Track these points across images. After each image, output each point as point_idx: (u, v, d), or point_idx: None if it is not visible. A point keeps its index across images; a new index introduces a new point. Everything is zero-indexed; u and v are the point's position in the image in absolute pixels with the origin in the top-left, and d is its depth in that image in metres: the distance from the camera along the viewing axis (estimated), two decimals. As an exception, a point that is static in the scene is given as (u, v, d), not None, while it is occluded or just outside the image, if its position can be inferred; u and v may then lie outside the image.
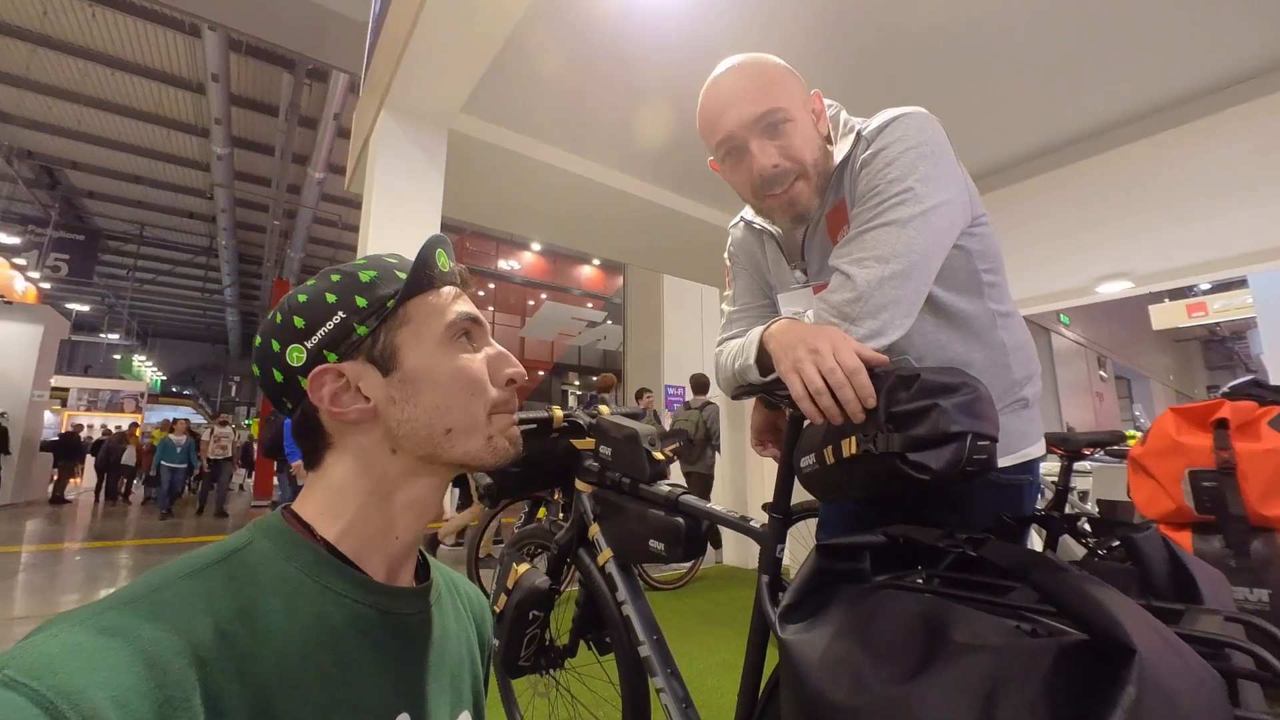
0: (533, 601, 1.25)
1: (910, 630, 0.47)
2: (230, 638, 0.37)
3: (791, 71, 0.86)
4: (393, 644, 0.47)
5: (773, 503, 0.87)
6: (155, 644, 0.33)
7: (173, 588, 0.38)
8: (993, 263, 0.85)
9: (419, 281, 0.50)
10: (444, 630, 0.54)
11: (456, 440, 0.50)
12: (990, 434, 0.60)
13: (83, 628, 0.33)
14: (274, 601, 0.41)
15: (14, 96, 8.32)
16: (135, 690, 0.31)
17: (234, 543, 0.44)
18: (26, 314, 9.20)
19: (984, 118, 2.96)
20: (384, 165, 2.54)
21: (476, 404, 0.51)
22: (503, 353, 0.54)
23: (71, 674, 0.30)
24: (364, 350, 0.49)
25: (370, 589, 0.47)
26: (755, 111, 0.81)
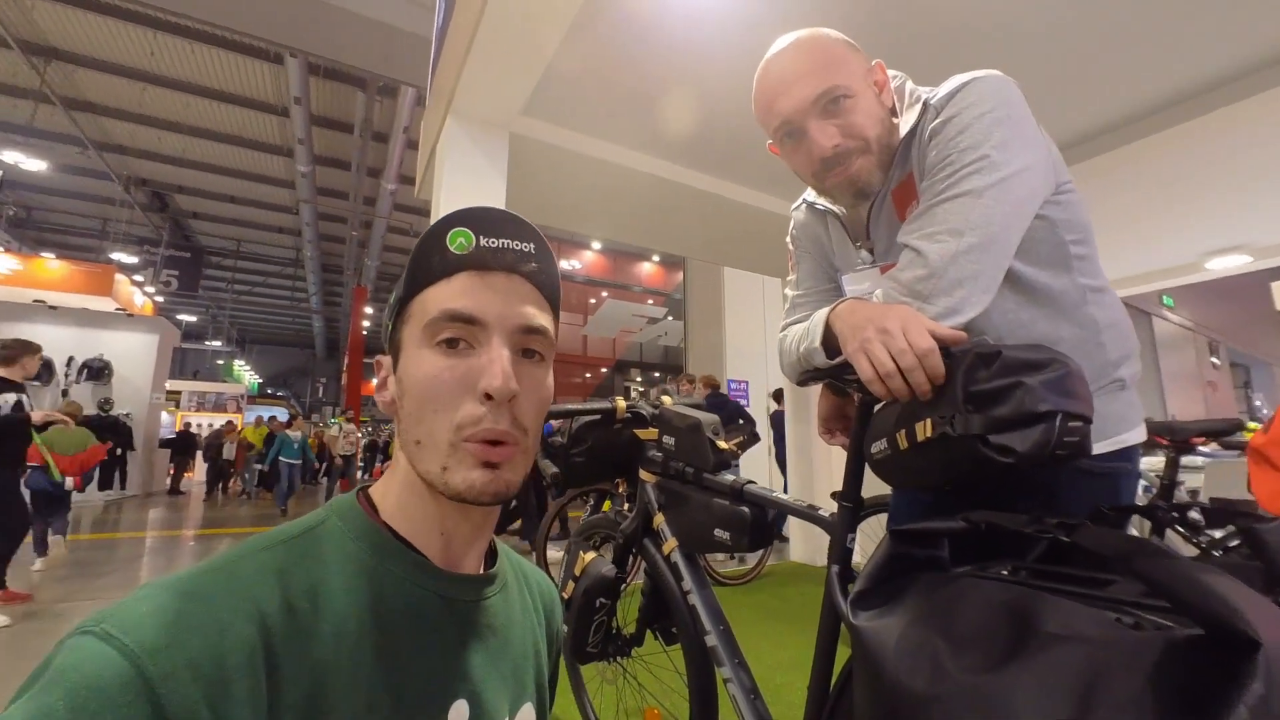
0: (599, 589, 1.27)
1: (995, 619, 0.44)
2: (295, 611, 0.39)
3: (850, 44, 0.82)
4: (451, 630, 0.46)
5: (842, 491, 0.84)
6: (229, 611, 0.36)
7: (251, 559, 0.40)
8: (1081, 233, 0.79)
9: (418, 276, 0.47)
10: (508, 620, 0.53)
11: (422, 456, 0.45)
12: (1083, 413, 0.55)
13: (170, 592, 0.36)
14: (337, 579, 0.42)
15: (129, 130, 9.26)
16: (206, 652, 0.33)
17: (311, 520, 0.45)
18: (145, 325, 10.21)
19: (1070, 80, 2.73)
20: (450, 171, 2.64)
21: (439, 422, 0.44)
22: (490, 361, 0.45)
23: (155, 632, 0.32)
24: (392, 343, 0.49)
25: (428, 572, 0.46)
26: (812, 92, 0.78)
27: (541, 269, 0.50)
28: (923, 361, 0.62)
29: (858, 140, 0.79)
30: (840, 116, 0.78)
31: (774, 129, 0.83)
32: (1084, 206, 0.80)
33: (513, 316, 0.47)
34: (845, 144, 0.78)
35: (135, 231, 12.34)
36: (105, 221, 12.44)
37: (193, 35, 7.18)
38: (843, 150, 0.79)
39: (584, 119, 3.02)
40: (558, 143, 3.05)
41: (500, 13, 2.01)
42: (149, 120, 8.98)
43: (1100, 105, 2.93)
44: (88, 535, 6.23)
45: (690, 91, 2.79)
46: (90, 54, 7.60)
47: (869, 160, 0.80)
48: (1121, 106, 2.94)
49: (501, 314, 0.46)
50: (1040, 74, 2.62)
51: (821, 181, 0.84)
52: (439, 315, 0.45)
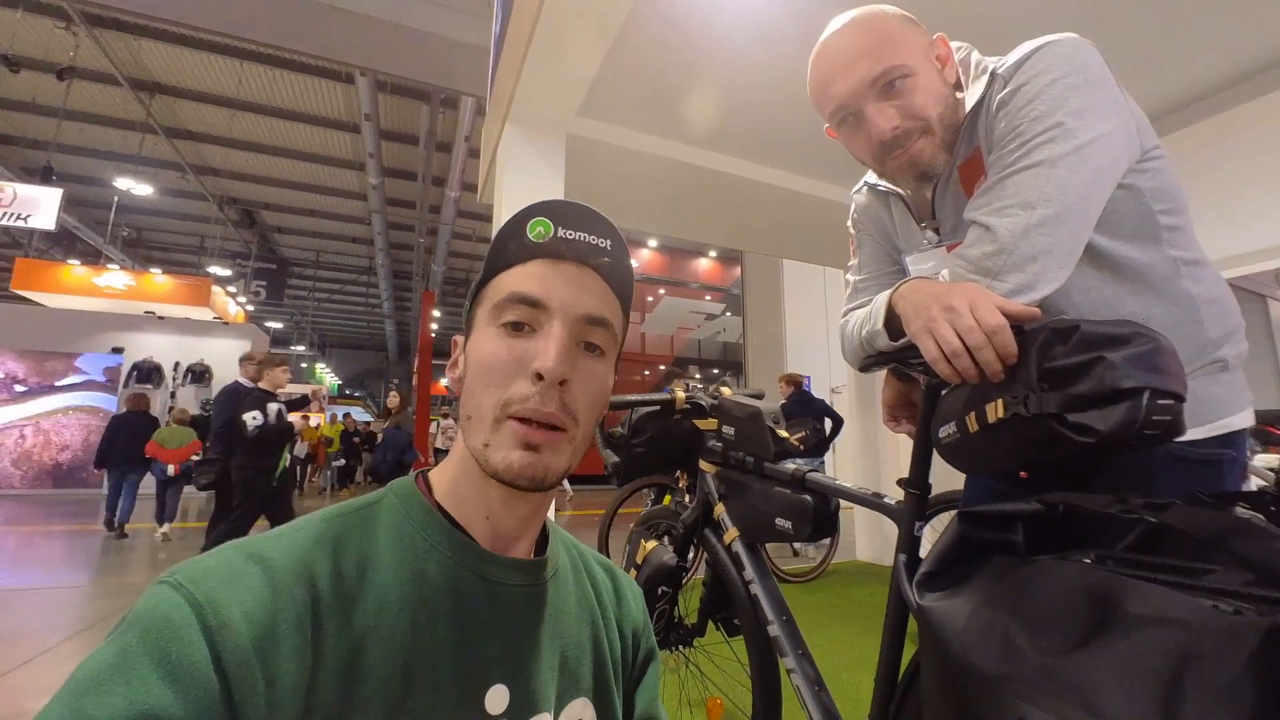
0: (661, 577, 1.28)
1: (1074, 601, 0.42)
2: (343, 578, 0.41)
3: (909, 19, 0.79)
4: (494, 612, 0.46)
5: (909, 477, 0.82)
6: (284, 572, 0.39)
7: (313, 528, 0.43)
8: (1171, 202, 0.73)
9: (498, 259, 0.49)
10: (559, 609, 0.52)
11: (471, 431, 0.47)
12: (1174, 390, 0.51)
13: (239, 552, 0.39)
14: (385, 552, 0.44)
15: (222, 154, 10.06)
16: (261, 607, 0.37)
17: (373, 497, 0.48)
18: (238, 332, 11.13)
19: (1162, 41, 2.51)
20: (510, 174, 2.73)
21: (487, 396, 0.46)
22: (547, 344, 0.45)
23: (218, 585, 0.36)
24: (467, 323, 0.52)
25: (473, 553, 0.47)
26: (868, 74, 0.75)
27: (614, 264, 0.51)
28: (992, 339, 0.59)
29: (918, 121, 0.76)
30: (899, 97, 0.75)
31: (830, 113, 0.81)
32: (1174, 174, 0.74)
33: (577, 305, 0.47)
34: (905, 125, 0.76)
35: (228, 247, 13.42)
36: (202, 238, 13.58)
37: (274, 62, 7.73)
38: (902, 132, 0.76)
39: (638, 116, 3.05)
40: (613, 141, 3.09)
41: (553, 18, 2.06)
42: (238, 143, 9.73)
43: (1198, 67, 2.68)
44: (193, 524, 6.84)
45: (743, 81, 2.76)
46: (188, 86, 8.31)
47: (931, 141, 0.77)
48: (1223, 68, 2.68)
49: (566, 301, 0.47)
50: (1128, 36, 2.42)
51: (882, 164, 0.81)
52: (506, 297, 0.47)
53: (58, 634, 2.81)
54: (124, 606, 3.12)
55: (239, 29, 5.59)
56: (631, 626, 0.61)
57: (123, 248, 12.73)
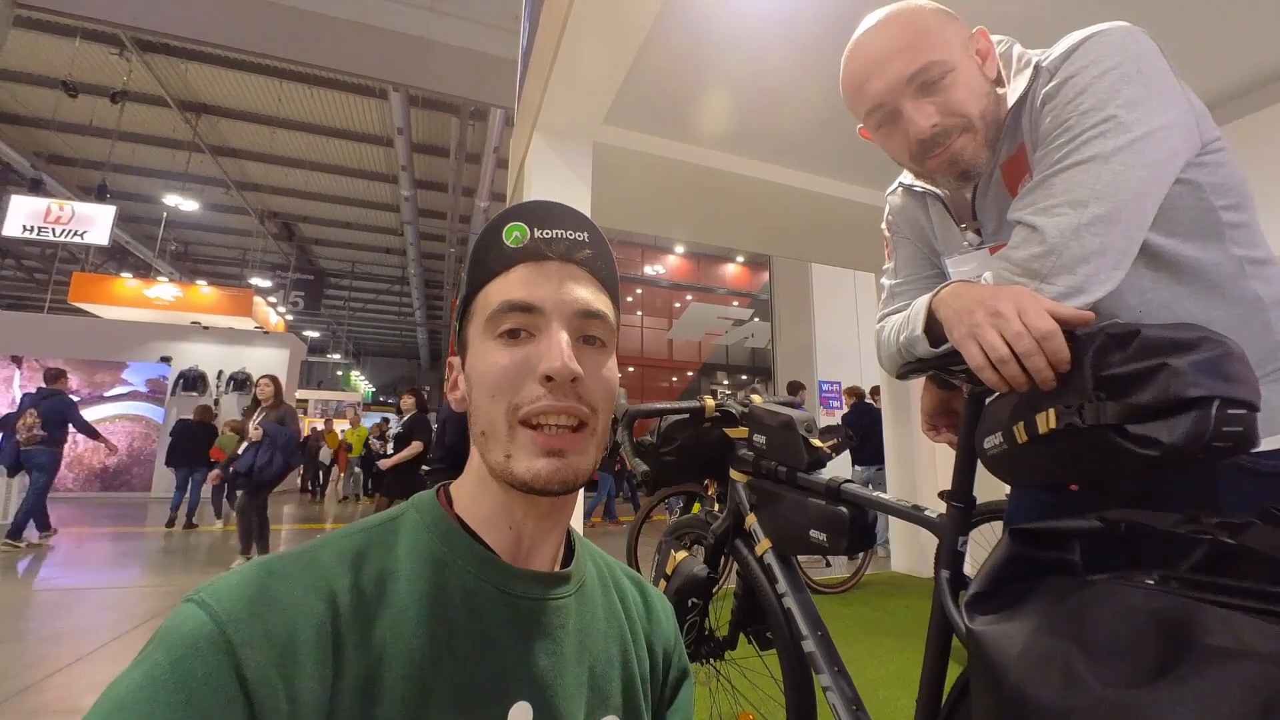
0: (691, 588, 1.26)
1: (1143, 628, 0.39)
2: (363, 596, 0.41)
3: (946, 12, 0.76)
4: (513, 627, 0.45)
5: (951, 490, 0.78)
6: (305, 590, 0.39)
7: (334, 544, 0.43)
8: (1235, 197, 0.68)
9: (480, 274, 0.49)
10: (586, 624, 0.51)
11: (488, 446, 0.46)
12: (1246, 399, 0.48)
13: (261, 569, 0.39)
14: (405, 567, 0.43)
15: (262, 170, 10.45)
16: (282, 625, 0.36)
17: (395, 511, 0.47)
18: (277, 341, 11.51)
19: (1224, 26, 2.39)
20: (537, 183, 2.75)
21: (496, 407, 0.45)
22: (549, 345, 0.45)
23: (241, 603, 0.36)
24: (460, 343, 0.51)
25: (492, 566, 0.46)
26: (905, 70, 0.72)
27: (596, 256, 0.50)
28: (1042, 345, 0.56)
29: (959, 118, 0.72)
30: (938, 94, 0.72)
31: (866, 112, 0.78)
32: (1238, 167, 0.69)
33: (570, 302, 0.47)
34: (945, 122, 0.72)
35: (268, 259, 13.92)
36: (244, 251, 14.11)
37: (312, 81, 8.01)
38: (941, 129, 0.72)
39: (664, 122, 3.05)
40: (640, 148, 3.10)
41: (579, 29, 2.07)
42: (278, 159, 10.10)
43: (1263, 53, 2.54)
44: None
45: (769, 85, 2.73)
46: (232, 105, 8.67)
47: (973, 138, 0.73)
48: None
49: (559, 300, 0.47)
50: (1187, 21, 2.32)
51: (921, 164, 0.77)
52: (498, 307, 0.46)
53: (109, 632, 2.93)
54: (170, 607, 3.23)
55: (280, 50, 5.81)
56: (663, 644, 0.59)
57: (171, 261, 13.31)
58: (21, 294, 16.13)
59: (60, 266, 12.54)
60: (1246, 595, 0.43)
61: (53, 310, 11.59)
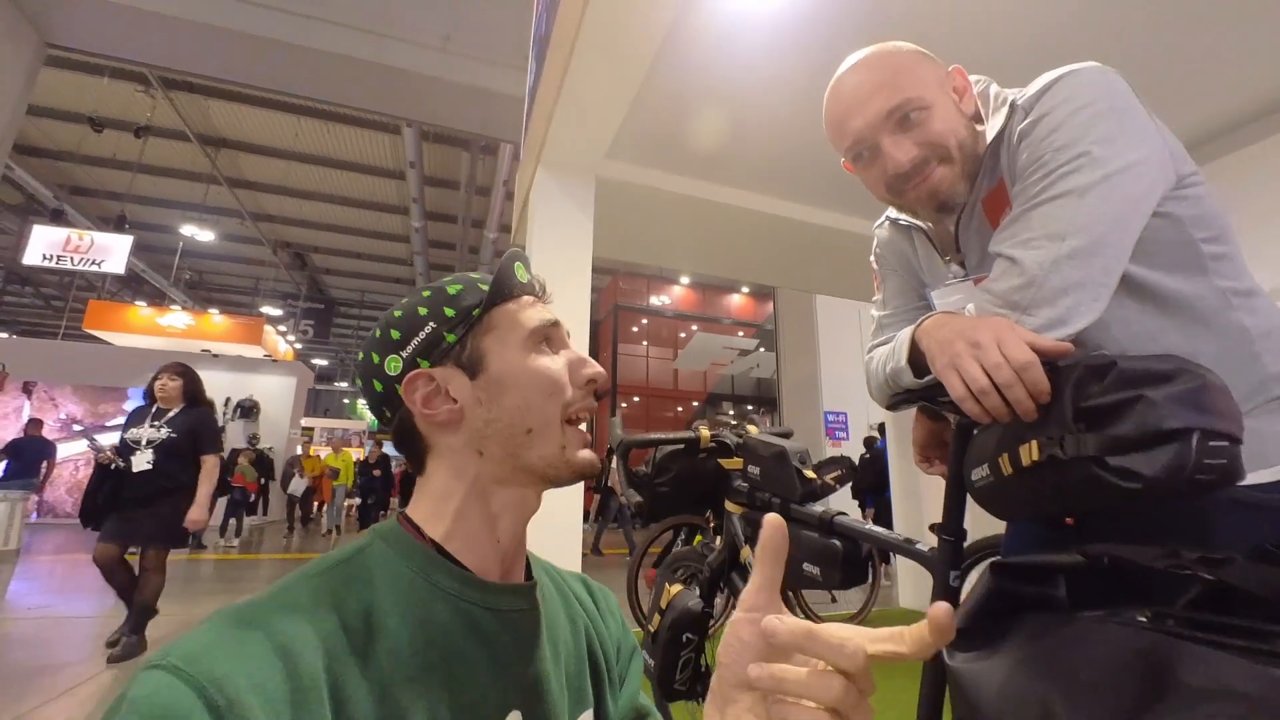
0: (686, 623, 1.23)
1: (1122, 667, 0.38)
2: (352, 633, 0.40)
3: (922, 53, 0.78)
4: (503, 641, 0.47)
5: (942, 523, 0.77)
6: (287, 636, 0.37)
7: (303, 585, 0.42)
8: (1215, 229, 0.69)
9: (500, 291, 0.53)
10: (555, 627, 0.54)
11: (535, 442, 0.50)
12: (1227, 431, 0.47)
13: (230, 622, 0.37)
14: (388, 599, 0.43)
15: (277, 202, 10.70)
16: (270, 677, 0.35)
17: (357, 545, 0.47)
18: (286, 369, 11.61)
19: (1205, 64, 2.44)
20: (539, 217, 2.80)
21: (553, 405, 0.51)
22: (582, 356, 0.55)
23: (219, 663, 0.34)
24: (453, 356, 0.51)
25: (477, 586, 0.48)
26: (883, 108, 0.74)
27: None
28: (1022, 376, 0.56)
29: (937, 150, 0.74)
30: (915, 129, 0.74)
31: (847, 148, 0.80)
32: (1216, 201, 0.70)
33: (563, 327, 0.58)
34: (922, 154, 0.74)
35: (280, 288, 14.13)
36: (257, 280, 14.34)
37: (328, 116, 8.25)
38: (920, 160, 0.74)
39: (666, 156, 3.11)
40: (642, 182, 3.16)
41: (583, 65, 2.14)
42: (292, 191, 10.35)
43: (1249, 88, 2.59)
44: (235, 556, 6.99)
45: (769, 119, 2.80)
46: (250, 140, 8.93)
47: (950, 170, 0.75)
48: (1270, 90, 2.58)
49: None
50: (1167, 61, 2.37)
51: (899, 197, 0.79)
52: (542, 325, 0.54)
53: (98, 663, 2.88)
54: (167, 635, 3.18)
55: (298, 88, 6.01)
56: (614, 632, 0.63)
57: (185, 289, 13.54)
58: (37, 321, 16.41)
59: (77, 294, 12.79)
60: (1238, 633, 0.42)
61: (66, 337, 11.77)
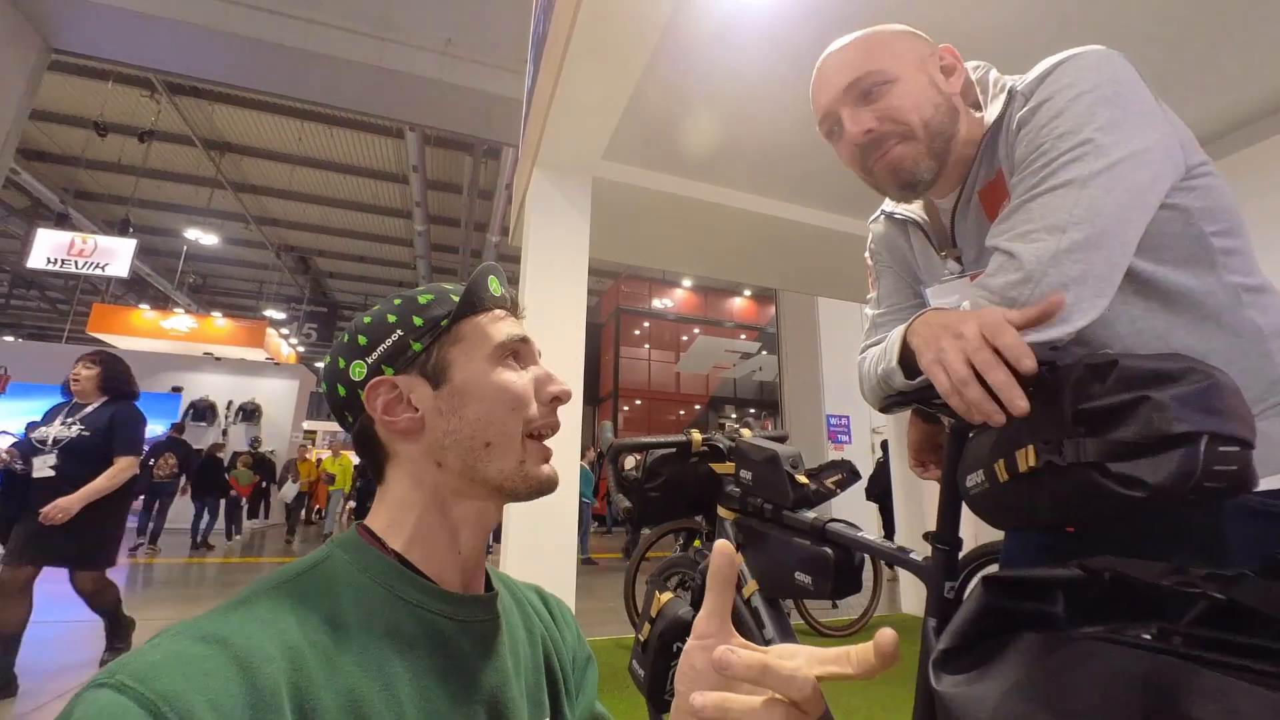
0: (676, 632, 1.19)
1: (1123, 694, 0.35)
2: (315, 644, 0.39)
3: (909, 32, 0.76)
4: (467, 651, 0.47)
5: (936, 531, 0.74)
6: (247, 651, 0.35)
7: (263, 598, 0.40)
8: (1225, 223, 0.65)
9: (471, 303, 0.52)
10: (514, 638, 0.54)
11: (493, 456, 0.50)
12: (1238, 434, 0.44)
13: (184, 636, 0.35)
14: (351, 611, 0.43)
15: (281, 205, 10.74)
16: (228, 694, 0.33)
17: (316, 557, 0.46)
18: (289, 372, 11.61)
19: (1221, 57, 2.40)
20: (536, 218, 2.78)
21: (514, 420, 0.51)
22: (549, 373, 0.55)
23: (172, 679, 0.32)
24: (418, 365, 0.50)
25: (440, 597, 0.47)
26: (844, 81, 0.74)
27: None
28: (1003, 353, 0.52)
29: (896, 124, 0.72)
30: (875, 101, 0.72)
31: (819, 124, 0.80)
32: (1227, 193, 0.66)
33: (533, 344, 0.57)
34: (880, 129, 0.72)
35: (283, 291, 14.17)
36: (260, 284, 14.39)
37: (331, 121, 8.28)
38: (877, 135, 0.73)
39: (663, 157, 3.09)
40: (640, 183, 3.13)
41: (577, 64, 2.12)
42: (296, 195, 10.38)
43: (1256, 85, 2.54)
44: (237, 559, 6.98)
45: (768, 119, 2.77)
46: (254, 144, 8.97)
47: (913, 147, 0.72)
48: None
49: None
50: (1177, 54, 2.33)
51: (868, 172, 0.78)
52: (509, 339, 0.53)
53: (88, 670, 2.86)
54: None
55: (302, 92, 6.03)
56: (570, 641, 0.63)
57: (188, 293, 13.59)
58: (43, 324, 16.51)
59: (81, 298, 12.85)
60: (1249, 653, 0.39)
61: (71, 340, 11.82)
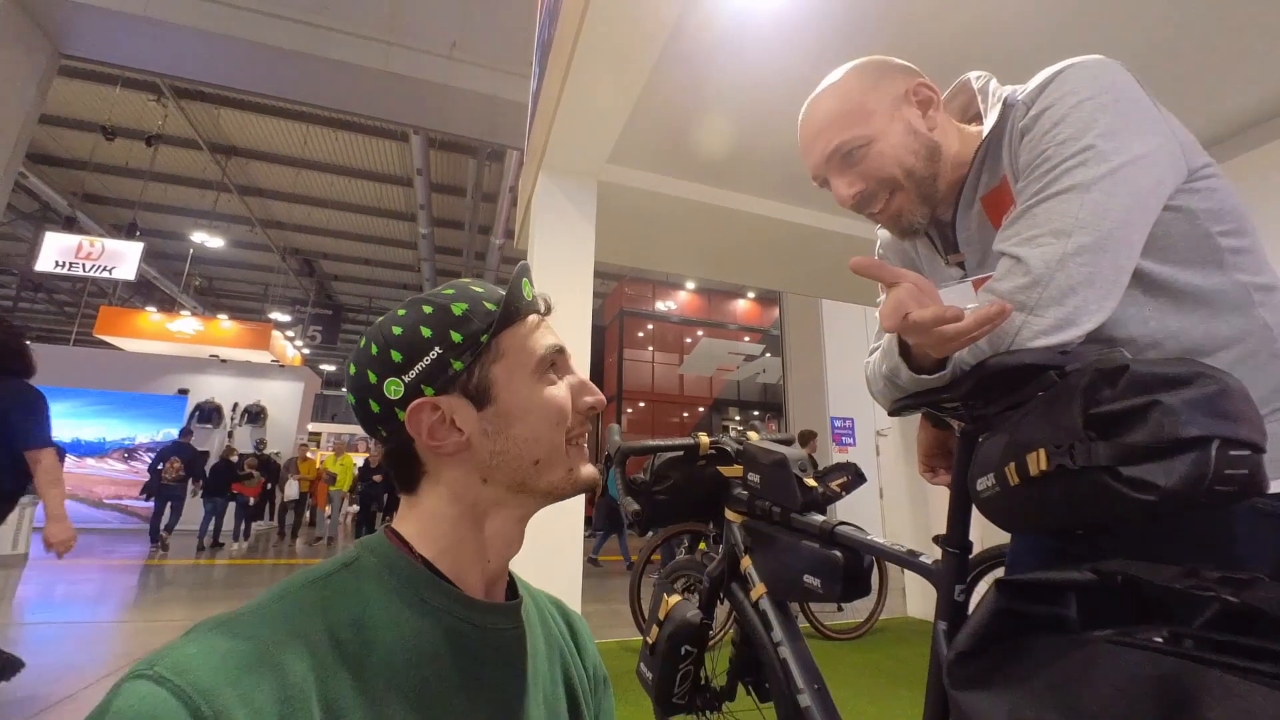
0: (685, 635, 1.20)
1: (1139, 698, 0.35)
2: (342, 643, 0.40)
3: (882, 73, 0.78)
4: (489, 659, 0.48)
5: (946, 534, 0.74)
6: (278, 648, 0.37)
7: (293, 597, 0.41)
8: (1233, 223, 0.65)
9: (510, 315, 0.51)
10: (535, 648, 0.54)
11: (543, 471, 0.51)
12: (1249, 438, 0.44)
13: (219, 632, 0.36)
14: (379, 613, 0.43)
15: (286, 209, 10.79)
16: (259, 689, 0.34)
17: (345, 557, 0.47)
18: (293, 374, 11.65)
19: (1229, 61, 2.39)
20: (541, 222, 2.79)
21: (559, 433, 0.52)
22: (584, 381, 0.55)
23: (206, 673, 0.33)
24: (459, 385, 0.49)
25: (466, 604, 0.48)
26: (826, 149, 0.78)
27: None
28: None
29: (882, 182, 0.77)
30: (858, 164, 0.77)
31: (814, 180, 0.85)
32: (1233, 194, 0.67)
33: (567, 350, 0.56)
34: (868, 189, 0.77)
35: (289, 294, 14.23)
36: (266, 286, 14.45)
37: (336, 124, 8.33)
38: (865, 195, 0.78)
39: (669, 161, 3.10)
40: (645, 186, 3.14)
41: (584, 69, 2.13)
42: (301, 199, 10.43)
43: (1260, 88, 2.54)
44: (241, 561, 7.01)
45: (772, 123, 2.78)
46: (260, 148, 9.03)
47: (905, 197, 0.77)
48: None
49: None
50: (1191, 58, 2.32)
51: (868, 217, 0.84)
52: (549, 351, 0.53)
53: (105, 666, 2.87)
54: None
55: (307, 96, 6.06)
56: (590, 658, 0.63)
57: (194, 295, 13.66)
58: (50, 327, 16.61)
59: (88, 300, 12.93)
60: (1263, 656, 0.39)
61: (78, 343, 11.89)
